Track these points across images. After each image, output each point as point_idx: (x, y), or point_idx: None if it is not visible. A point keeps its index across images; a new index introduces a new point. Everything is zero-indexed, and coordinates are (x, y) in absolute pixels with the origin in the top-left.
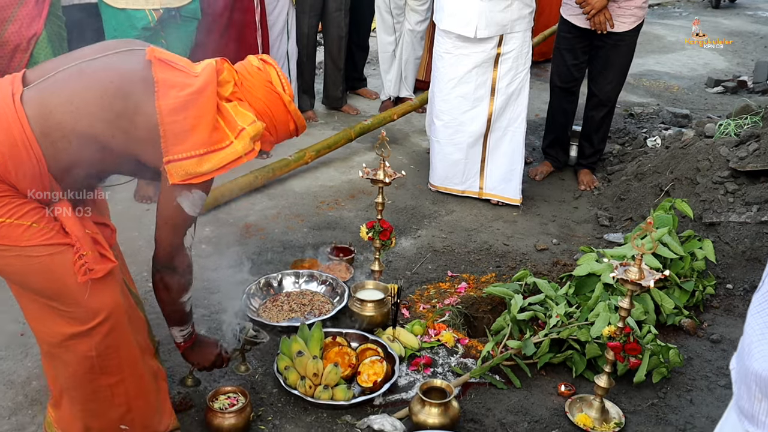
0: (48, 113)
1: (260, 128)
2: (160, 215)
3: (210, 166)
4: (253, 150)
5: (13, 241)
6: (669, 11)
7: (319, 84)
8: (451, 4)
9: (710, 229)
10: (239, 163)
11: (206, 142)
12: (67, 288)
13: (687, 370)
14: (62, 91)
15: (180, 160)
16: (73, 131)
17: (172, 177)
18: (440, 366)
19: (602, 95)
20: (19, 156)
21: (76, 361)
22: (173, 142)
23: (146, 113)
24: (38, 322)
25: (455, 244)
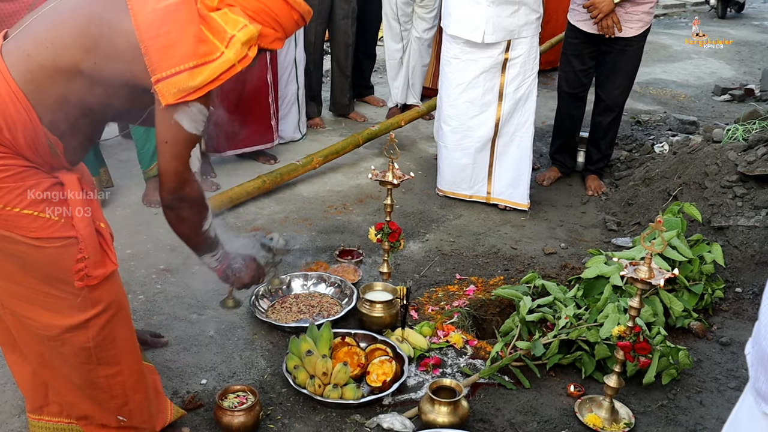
0: (27, 58)
1: (253, 32)
2: (158, 140)
3: (203, 79)
4: (247, 56)
5: (21, 231)
6: (675, 21)
7: (326, 91)
8: (458, 10)
9: (719, 233)
10: (234, 72)
11: (194, 54)
12: (69, 277)
13: (696, 372)
14: (36, 33)
15: (169, 77)
16: (55, 69)
17: (165, 97)
18: (449, 367)
19: (610, 100)
20: (8, 111)
21: (74, 353)
22: (158, 59)
23: (124, 32)
24: (32, 317)
25: (463, 248)
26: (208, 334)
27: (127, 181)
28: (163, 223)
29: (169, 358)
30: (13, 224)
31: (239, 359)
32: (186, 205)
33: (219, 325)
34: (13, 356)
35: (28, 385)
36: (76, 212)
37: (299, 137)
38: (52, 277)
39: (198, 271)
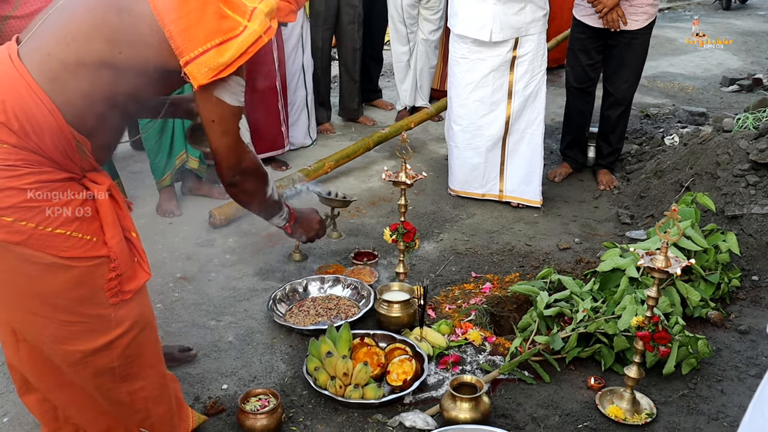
0: (47, 57)
1: (273, 4)
2: (204, 121)
3: (232, 54)
4: (271, 27)
5: (53, 250)
6: (680, 14)
7: (334, 97)
8: (465, 9)
9: (733, 221)
10: (261, 44)
11: (218, 30)
12: (96, 296)
13: (716, 360)
14: (53, 32)
15: (198, 57)
16: (78, 64)
17: (196, 78)
18: (468, 364)
19: (618, 94)
20: (32, 114)
21: (96, 374)
22: (183, 41)
23: (144, 17)
24: (52, 347)
25: (478, 246)
26: (227, 339)
27: (140, 192)
28: (178, 231)
29: (189, 364)
30: (45, 244)
31: (259, 363)
32: (247, 177)
33: (238, 331)
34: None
35: (36, 411)
36: (108, 228)
37: (309, 143)
38: (77, 299)
39: (214, 278)
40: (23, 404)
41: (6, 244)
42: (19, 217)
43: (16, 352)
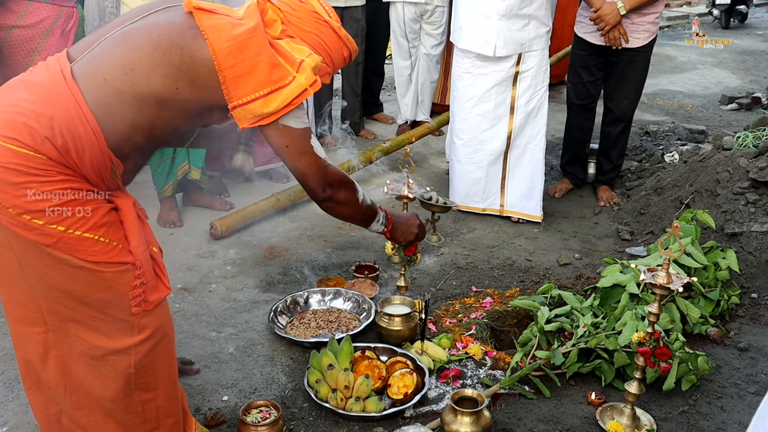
0: (102, 82)
1: (318, 60)
2: (278, 149)
3: (277, 105)
4: (316, 81)
5: (81, 254)
6: (679, 33)
7: (336, 110)
8: (469, 24)
9: (732, 239)
10: (306, 96)
11: (268, 80)
12: (122, 301)
13: (716, 377)
14: (112, 58)
15: (245, 104)
16: (132, 94)
17: (241, 122)
18: (469, 378)
19: (619, 111)
20: (78, 133)
21: (114, 376)
22: (234, 87)
23: (204, 61)
24: (80, 335)
25: (478, 261)
26: (228, 351)
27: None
28: (179, 242)
29: (190, 375)
30: (74, 247)
31: (260, 375)
32: (337, 189)
33: (238, 342)
34: (27, 381)
35: (41, 412)
36: (133, 238)
37: None
38: (103, 302)
39: (215, 290)
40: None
41: (38, 244)
42: (49, 220)
43: (43, 362)
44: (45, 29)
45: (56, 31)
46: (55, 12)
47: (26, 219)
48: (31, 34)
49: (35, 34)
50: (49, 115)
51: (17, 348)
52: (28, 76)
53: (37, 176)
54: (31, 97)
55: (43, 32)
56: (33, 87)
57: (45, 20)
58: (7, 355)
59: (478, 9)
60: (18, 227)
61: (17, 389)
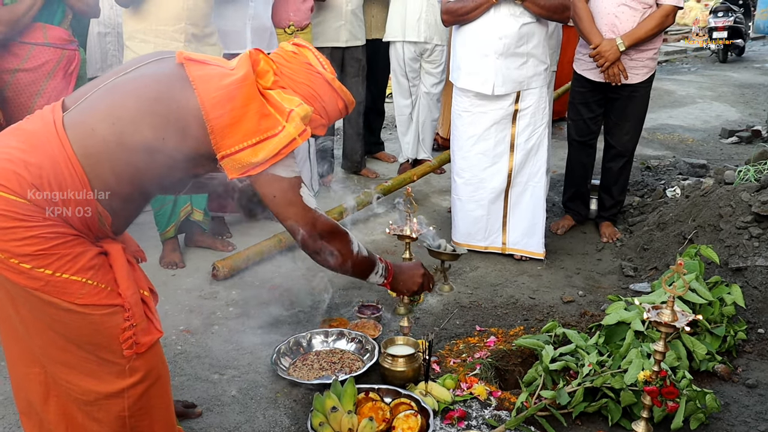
0: (90, 132)
1: (308, 110)
2: (266, 199)
3: (265, 154)
4: (306, 131)
5: (69, 297)
6: (677, 67)
7: (337, 149)
8: (467, 63)
9: (737, 274)
10: (295, 146)
11: (257, 130)
12: (112, 344)
13: (725, 415)
14: (101, 108)
15: (233, 154)
16: (119, 144)
17: (230, 172)
18: (474, 419)
19: (620, 146)
20: (65, 182)
21: (108, 420)
22: (222, 137)
23: (191, 110)
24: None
25: (482, 299)
26: (231, 393)
27: (143, 243)
28: (181, 284)
29: (192, 419)
30: (62, 290)
31: (263, 418)
32: (329, 240)
33: (241, 385)
34: (30, 423)
35: None
36: (122, 281)
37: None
38: (93, 344)
39: (217, 331)
40: None
41: (26, 288)
42: (37, 264)
43: (44, 403)
44: (47, 72)
45: (59, 73)
46: (57, 55)
47: (14, 263)
48: (34, 77)
49: (38, 77)
50: (38, 164)
51: (18, 389)
52: (23, 124)
53: (24, 221)
54: (22, 146)
55: (45, 75)
56: (25, 135)
57: (47, 63)
58: (8, 399)
59: (475, 48)
60: (7, 271)
61: None
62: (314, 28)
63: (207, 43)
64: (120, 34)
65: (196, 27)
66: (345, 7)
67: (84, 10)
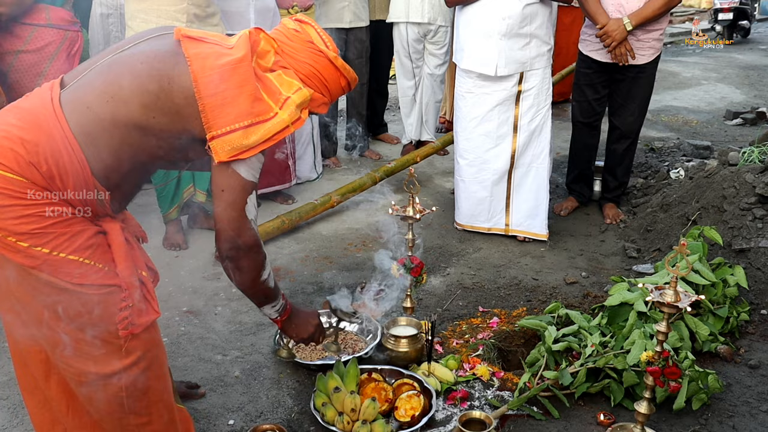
0: (86, 110)
1: (306, 95)
2: (215, 189)
3: (257, 138)
4: (300, 119)
5: (66, 276)
6: (682, 48)
7: (341, 131)
8: (471, 44)
9: (740, 255)
10: (287, 133)
11: (249, 113)
12: (108, 324)
13: (727, 396)
14: (96, 85)
15: (224, 135)
16: (112, 123)
17: (218, 154)
18: (477, 399)
19: (624, 128)
20: (62, 160)
21: (106, 401)
22: (214, 117)
23: (183, 89)
24: (68, 362)
25: (485, 281)
26: (234, 374)
27: (146, 225)
28: (184, 265)
29: (195, 399)
30: (59, 269)
31: (266, 399)
32: (243, 255)
33: (244, 366)
34: (34, 400)
35: (37, 420)
36: (120, 261)
37: (315, 177)
38: (90, 324)
39: (221, 312)
40: None
41: (24, 267)
42: (35, 242)
43: (46, 381)
44: (50, 53)
45: (61, 55)
46: (60, 36)
47: (11, 241)
48: (36, 58)
49: (41, 58)
50: (34, 141)
51: (22, 366)
52: (21, 102)
53: (21, 199)
54: (19, 123)
55: (48, 56)
56: (22, 113)
57: (50, 45)
58: (12, 380)
59: (479, 29)
60: (5, 249)
61: (21, 414)
62: (318, 8)
63: (209, 23)
64: (122, 15)
65: (199, 7)
66: None
67: None
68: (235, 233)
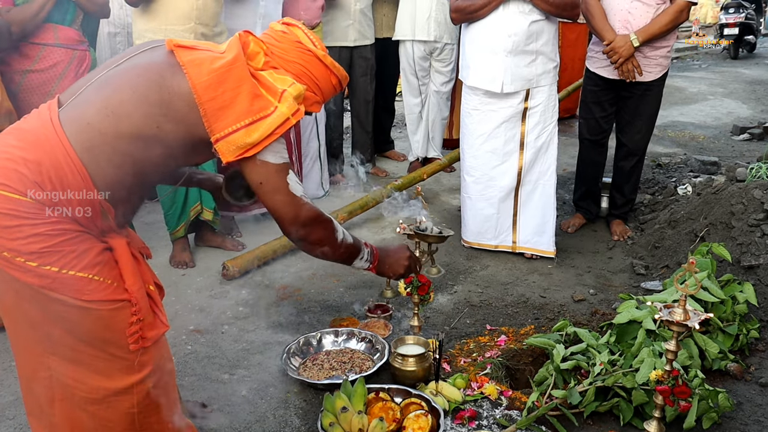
0: (86, 126)
1: (301, 89)
2: (253, 185)
3: (259, 135)
4: (299, 110)
5: (76, 294)
6: (688, 64)
7: (347, 148)
8: (477, 61)
9: (749, 272)
10: (288, 126)
11: (249, 111)
12: (120, 339)
13: (738, 414)
14: (95, 101)
15: (227, 136)
16: (115, 136)
17: (225, 155)
18: (485, 419)
19: (632, 145)
20: (65, 177)
21: (117, 418)
22: (215, 120)
23: (183, 96)
24: (79, 378)
25: (492, 298)
26: (241, 393)
27: (153, 243)
28: (191, 283)
29: (203, 419)
30: (67, 287)
31: (273, 418)
32: (312, 229)
33: (251, 385)
34: (40, 426)
35: None
36: (128, 276)
37: (322, 194)
38: (101, 340)
39: (228, 331)
40: None
41: (33, 287)
42: (44, 261)
43: (51, 407)
44: (59, 73)
45: (70, 74)
46: (69, 56)
47: (21, 261)
48: (45, 77)
49: (49, 77)
50: (37, 161)
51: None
52: (20, 123)
53: (28, 219)
54: (20, 144)
55: (57, 76)
56: (23, 134)
57: (59, 64)
58: (18, 400)
59: (485, 46)
60: (14, 270)
61: None
62: (324, 27)
63: (217, 42)
64: (130, 33)
65: (206, 26)
66: (354, 7)
67: (94, 11)
68: (293, 213)
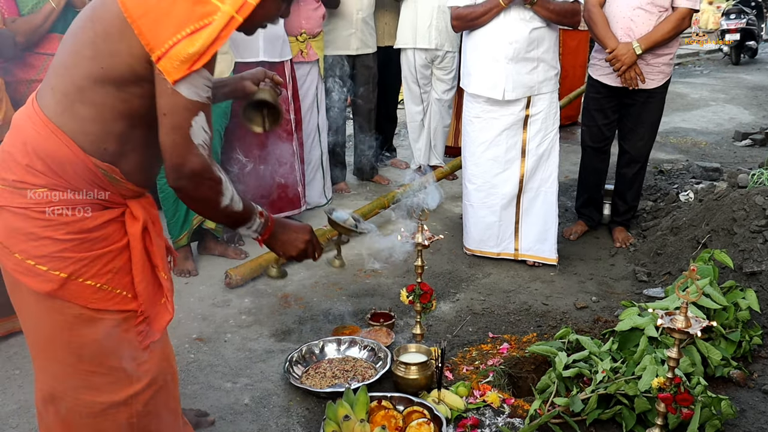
0: (51, 91)
1: None
2: (158, 113)
3: (204, 41)
4: (245, 4)
5: (82, 301)
6: (690, 70)
7: (349, 156)
8: (478, 69)
9: (752, 278)
10: (235, 25)
11: (189, 18)
12: (121, 350)
13: (740, 422)
14: (53, 66)
15: (168, 50)
16: (76, 90)
17: (170, 74)
18: (487, 427)
19: (634, 152)
20: (50, 149)
21: (116, 428)
22: (153, 35)
23: (113, 20)
24: (76, 395)
25: (494, 306)
26: (243, 402)
27: None
28: (194, 291)
29: (205, 428)
30: (76, 294)
31: (275, 427)
32: (195, 184)
33: (254, 393)
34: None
35: None
36: (137, 273)
37: (325, 202)
38: (101, 352)
39: (230, 339)
40: None
41: (37, 294)
42: (54, 266)
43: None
44: None
45: None
46: None
47: (31, 264)
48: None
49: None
50: (22, 141)
51: None
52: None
53: (35, 219)
54: (9, 132)
55: None
56: (13, 124)
57: None
58: (21, 408)
59: (486, 53)
60: (22, 274)
61: None
62: (325, 36)
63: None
64: None
65: None
66: (355, 16)
67: None
68: (179, 159)
